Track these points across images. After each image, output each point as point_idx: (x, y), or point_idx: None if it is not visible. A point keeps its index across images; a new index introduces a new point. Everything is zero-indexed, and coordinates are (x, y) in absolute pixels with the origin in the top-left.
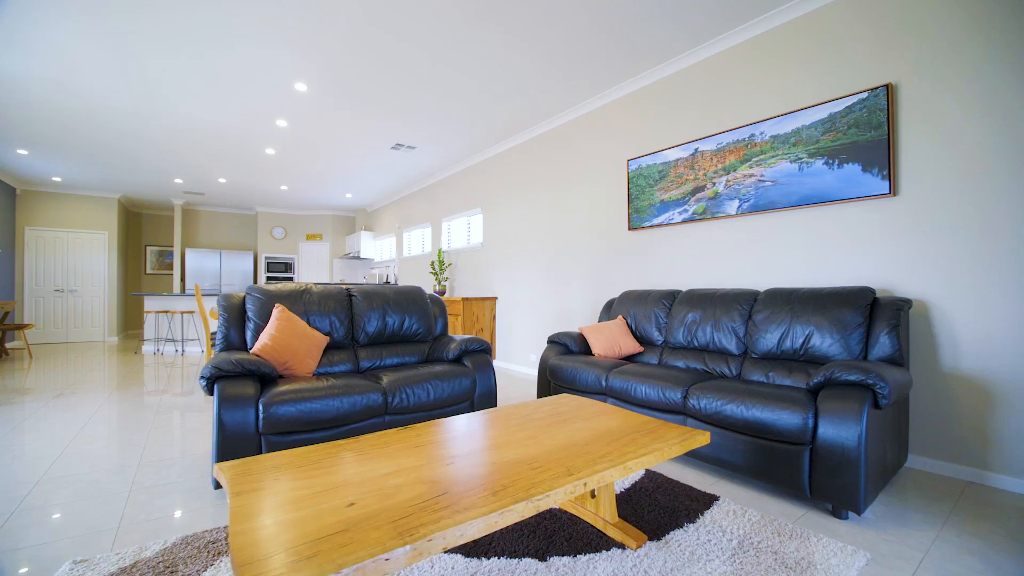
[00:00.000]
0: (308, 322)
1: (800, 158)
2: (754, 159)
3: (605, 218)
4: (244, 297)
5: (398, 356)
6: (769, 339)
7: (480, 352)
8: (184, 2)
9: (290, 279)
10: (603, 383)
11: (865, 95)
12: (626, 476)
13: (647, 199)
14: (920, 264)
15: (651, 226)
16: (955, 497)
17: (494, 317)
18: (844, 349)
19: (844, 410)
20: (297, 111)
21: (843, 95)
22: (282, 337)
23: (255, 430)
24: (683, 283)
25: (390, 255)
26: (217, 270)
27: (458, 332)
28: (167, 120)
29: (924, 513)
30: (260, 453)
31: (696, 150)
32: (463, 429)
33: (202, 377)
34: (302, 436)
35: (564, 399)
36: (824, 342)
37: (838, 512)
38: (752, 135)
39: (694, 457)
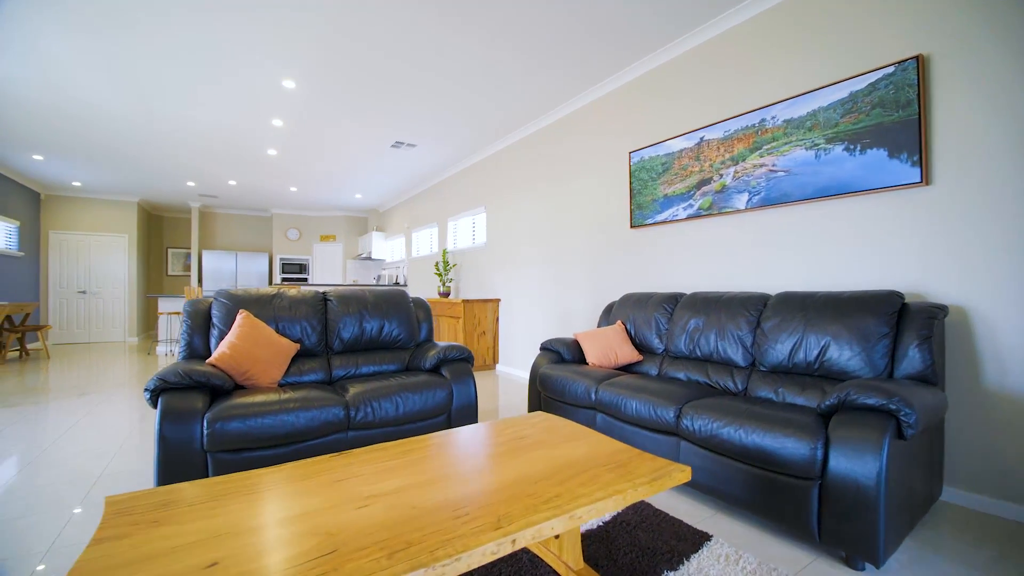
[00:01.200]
0: (277, 328)
1: (817, 144)
2: (765, 147)
3: (606, 215)
4: (211, 302)
5: (375, 364)
6: (779, 350)
7: (459, 361)
8: (171, 14)
9: (304, 280)
10: (592, 396)
11: (891, 70)
12: (573, 526)
13: (650, 194)
14: (958, 264)
15: (654, 223)
16: (1001, 541)
17: (497, 319)
18: (866, 364)
19: (860, 441)
20: (291, 110)
21: (866, 71)
22: (243, 345)
23: (200, 447)
24: (688, 285)
25: (401, 255)
26: (233, 272)
27: (459, 336)
28: (165, 124)
29: (961, 564)
30: (206, 472)
31: (702, 139)
32: (402, 458)
33: (146, 390)
34: (254, 454)
35: (536, 419)
36: (843, 355)
37: (852, 562)
38: (762, 120)
39: (689, 485)
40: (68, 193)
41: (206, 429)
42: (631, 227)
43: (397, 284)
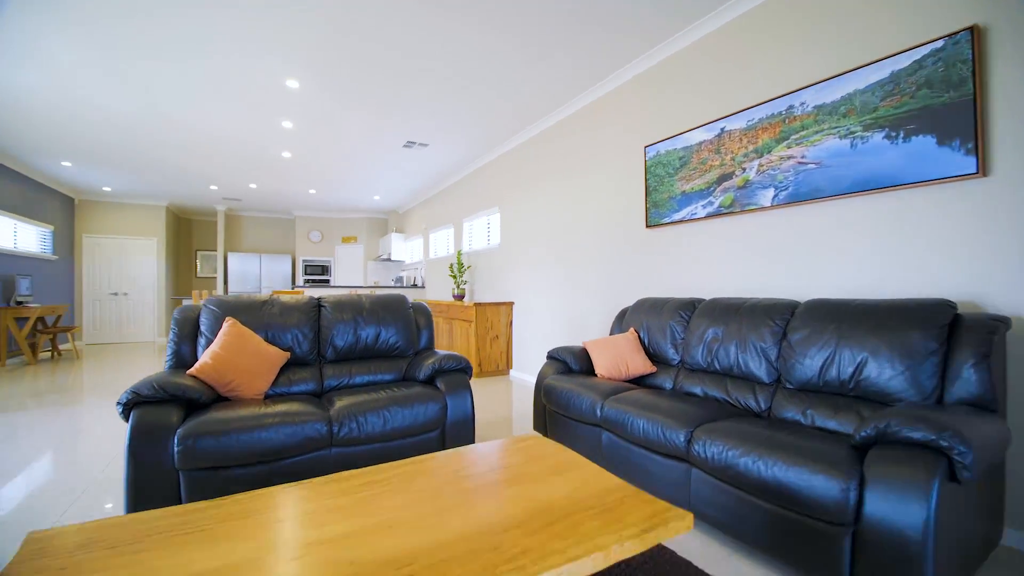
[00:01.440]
0: (267, 336)
1: (853, 132)
2: (793, 136)
3: (621, 214)
4: (201, 309)
5: (371, 373)
6: (808, 366)
7: (455, 372)
8: (166, 14)
9: (326, 281)
10: (598, 412)
11: (940, 44)
12: None
13: (666, 191)
14: (1022, 268)
15: (671, 222)
16: None
17: (510, 323)
18: (911, 385)
19: (902, 483)
20: (300, 111)
21: (910, 46)
22: (227, 355)
23: (173, 465)
24: (707, 289)
25: (420, 257)
26: (258, 273)
27: (471, 340)
28: (178, 129)
29: None
30: (179, 492)
31: (722, 130)
32: (361, 492)
33: (118, 403)
34: (231, 471)
35: (525, 444)
36: (883, 374)
37: None
38: (790, 107)
39: (701, 519)
40: (99, 198)
41: (177, 446)
42: (647, 227)
43: (415, 286)
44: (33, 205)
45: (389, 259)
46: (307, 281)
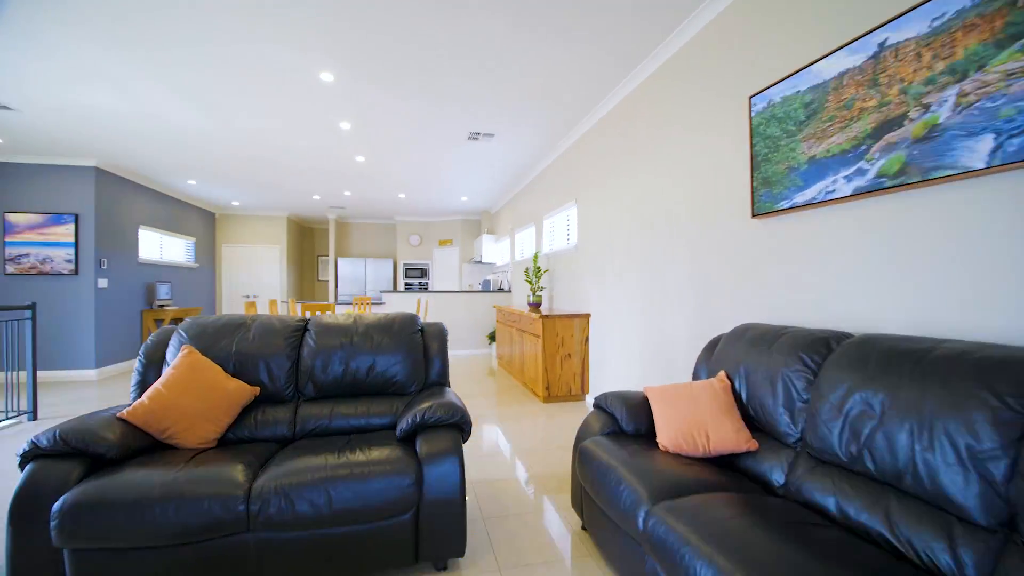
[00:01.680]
0: (234, 367)
1: None
2: None
3: (716, 200)
4: (173, 333)
5: (356, 416)
6: None
7: (443, 427)
8: (186, 14)
9: (425, 285)
10: (639, 521)
11: None
12: None
13: (784, 159)
14: None
15: (791, 207)
16: None
17: (586, 339)
18: None
19: None
20: (351, 110)
21: None
22: (169, 394)
23: (55, 540)
24: (854, 317)
25: (508, 259)
26: (363, 277)
27: (539, 359)
28: (255, 143)
29: None
30: (64, 572)
31: (881, 46)
32: None
33: (17, 454)
34: (128, 555)
35: None
36: None
37: None
38: None
39: None
40: (232, 211)
41: (52, 519)
42: (753, 216)
43: (501, 290)
44: (178, 221)
45: (480, 261)
46: (407, 285)
